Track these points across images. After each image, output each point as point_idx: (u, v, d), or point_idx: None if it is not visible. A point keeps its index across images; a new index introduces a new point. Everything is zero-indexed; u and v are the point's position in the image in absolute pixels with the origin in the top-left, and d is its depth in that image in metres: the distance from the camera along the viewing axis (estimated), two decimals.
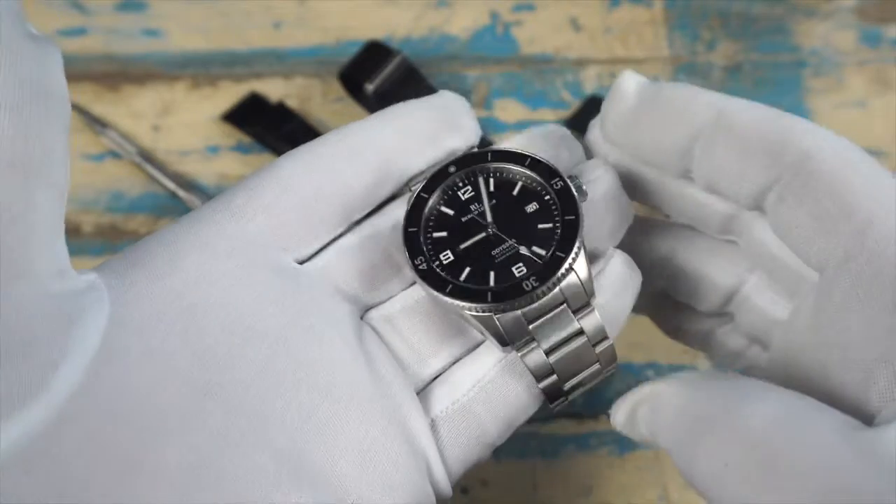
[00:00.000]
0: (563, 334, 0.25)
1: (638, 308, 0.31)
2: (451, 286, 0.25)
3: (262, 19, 0.46)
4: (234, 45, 0.46)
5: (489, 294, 0.24)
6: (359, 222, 0.27)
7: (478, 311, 0.24)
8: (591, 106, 0.43)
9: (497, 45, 0.46)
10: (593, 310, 0.25)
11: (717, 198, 0.27)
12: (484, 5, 0.47)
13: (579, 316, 0.25)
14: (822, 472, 0.20)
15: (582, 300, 0.25)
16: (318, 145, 0.27)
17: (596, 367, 0.26)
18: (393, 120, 0.28)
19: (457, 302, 0.24)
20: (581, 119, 0.43)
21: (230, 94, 0.44)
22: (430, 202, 0.26)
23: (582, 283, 0.25)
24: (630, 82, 0.27)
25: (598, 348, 0.25)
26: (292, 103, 0.44)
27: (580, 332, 0.25)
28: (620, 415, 0.26)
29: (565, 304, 0.25)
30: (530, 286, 0.24)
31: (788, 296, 0.27)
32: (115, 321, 0.23)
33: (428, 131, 0.27)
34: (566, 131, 0.29)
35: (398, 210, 0.27)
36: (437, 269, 0.25)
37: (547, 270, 0.24)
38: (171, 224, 0.25)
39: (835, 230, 0.24)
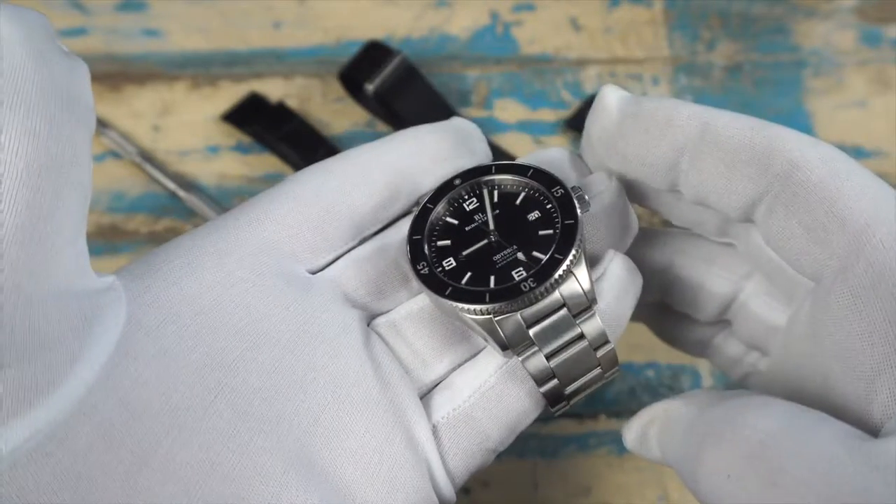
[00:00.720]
0: (564, 338, 0.25)
1: (635, 317, 0.31)
2: (450, 288, 0.25)
3: (262, 19, 0.46)
4: (234, 45, 0.46)
5: (487, 295, 0.25)
6: (370, 237, 0.28)
7: (477, 313, 0.25)
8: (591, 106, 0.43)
9: (497, 45, 0.46)
10: (594, 314, 0.25)
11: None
12: (484, 5, 0.47)
13: (580, 320, 0.25)
14: (824, 483, 0.20)
15: (582, 304, 0.25)
16: (332, 163, 0.28)
17: (597, 371, 0.26)
18: (405, 141, 0.28)
19: (456, 304, 0.25)
20: (581, 119, 0.43)
21: (230, 94, 0.44)
22: (435, 212, 0.27)
23: (582, 287, 0.25)
24: (611, 97, 0.27)
25: (600, 352, 0.26)
26: (292, 103, 0.44)
27: (581, 337, 0.25)
28: (632, 435, 0.27)
29: (565, 308, 0.25)
30: (528, 287, 0.24)
31: (786, 301, 0.27)
32: (132, 322, 0.23)
33: (439, 153, 0.28)
34: (571, 153, 0.29)
35: (408, 225, 0.27)
36: (440, 274, 0.25)
37: (545, 272, 0.25)
38: (190, 231, 0.26)
39: (828, 240, 0.23)
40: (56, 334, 0.21)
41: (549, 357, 0.25)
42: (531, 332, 0.25)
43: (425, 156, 0.28)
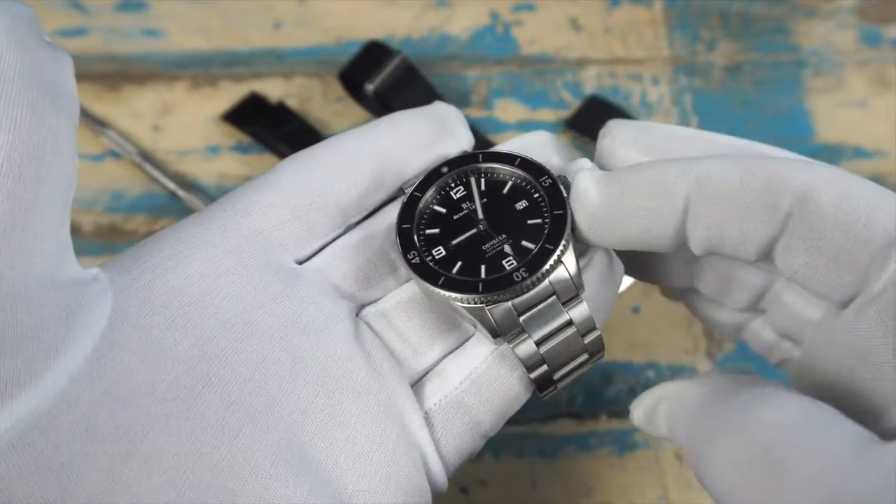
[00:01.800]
0: (553, 325, 0.25)
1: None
2: (443, 278, 0.25)
3: (262, 19, 0.46)
4: (234, 45, 0.46)
5: (480, 285, 0.25)
6: (355, 225, 0.28)
7: (469, 303, 0.25)
8: (591, 106, 0.43)
9: (497, 45, 0.46)
10: (582, 301, 0.26)
11: None
12: (484, 5, 0.47)
13: (568, 308, 0.26)
14: (829, 482, 0.20)
15: (571, 292, 0.26)
16: (317, 150, 0.28)
17: (584, 356, 0.26)
18: (389, 128, 0.29)
19: (449, 293, 0.25)
20: (581, 119, 0.43)
21: (230, 94, 0.44)
22: (423, 200, 0.27)
23: (571, 276, 0.25)
24: (587, 182, 0.26)
25: (587, 339, 0.26)
26: (292, 103, 0.44)
27: (569, 323, 0.26)
28: (640, 411, 0.26)
29: (555, 296, 0.25)
30: (520, 277, 0.25)
31: (820, 296, 0.26)
32: (118, 313, 0.23)
33: (422, 139, 0.28)
34: (554, 137, 0.29)
35: (393, 212, 0.27)
36: (430, 263, 0.26)
37: (536, 262, 0.25)
38: (177, 223, 0.26)
39: (851, 263, 0.23)
40: (39, 325, 0.21)
41: (538, 344, 0.25)
42: (521, 319, 0.25)
43: (409, 142, 0.28)
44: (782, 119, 0.43)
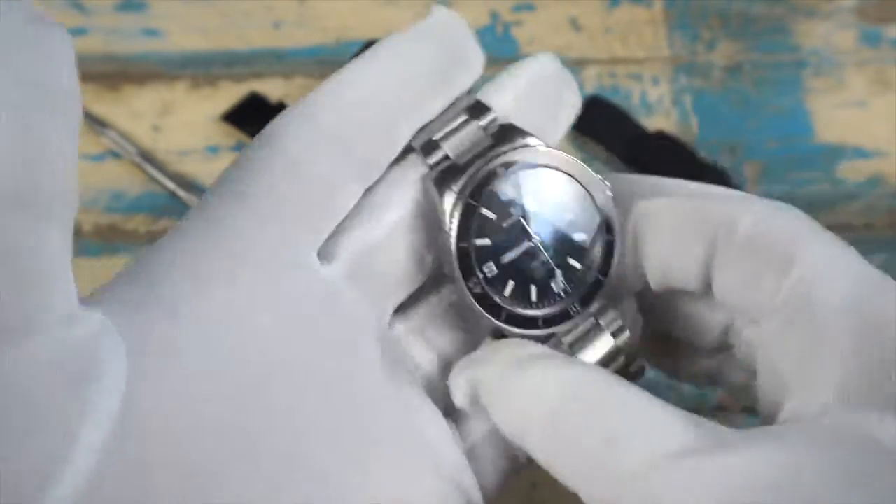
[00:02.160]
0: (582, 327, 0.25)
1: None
2: (505, 313, 0.24)
3: (262, 19, 0.46)
4: (234, 45, 0.46)
5: (540, 321, 0.25)
6: (371, 188, 0.25)
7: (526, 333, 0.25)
8: (592, 106, 0.43)
9: (497, 45, 0.46)
10: (617, 318, 0.26)
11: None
12: (484, 5, 0.47)
13: (600, 317, 0.26)
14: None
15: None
16: (320, 104, 0.25)
17: (622, 360, 0.26)
18: (394, 64, 0.25)
19: (512, 329, 0.24)
20: (581, 119, 0.43)
21: (230, 94, 0.44)
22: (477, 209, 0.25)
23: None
24: None
25: (618, 340, 0.25)
26: (292, 103, 0.44)
27: (598, 327, 0.25)
28: (460, 396, 0.24)
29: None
30: (575, 311, 0.25)
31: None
32: (135, 367, 0.20)
33: (434, 72, 0.25)
34: (561, 72, 0.28)
35: (407, 190, 0.25)
36: (489, 291, 0.24)
37: (589, 294, 0.25)
38: (181, 231, 0.23)
39: (758, 287, 0.24)
40: (50, 405, 0.18)
41: (571, 346, 0.25)
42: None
43: (421, 80, 0.25)
44: (782, 119, 0.43)
